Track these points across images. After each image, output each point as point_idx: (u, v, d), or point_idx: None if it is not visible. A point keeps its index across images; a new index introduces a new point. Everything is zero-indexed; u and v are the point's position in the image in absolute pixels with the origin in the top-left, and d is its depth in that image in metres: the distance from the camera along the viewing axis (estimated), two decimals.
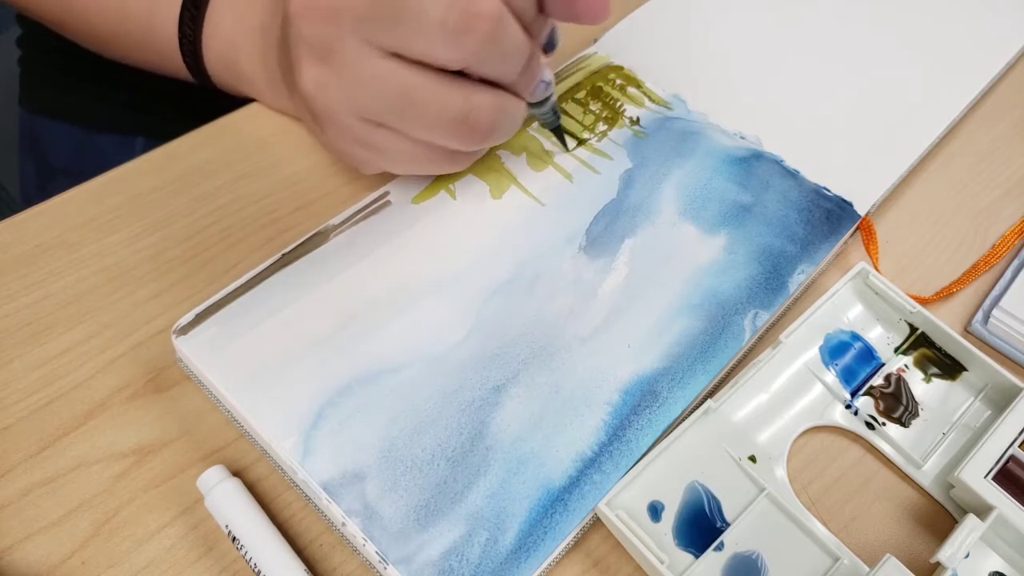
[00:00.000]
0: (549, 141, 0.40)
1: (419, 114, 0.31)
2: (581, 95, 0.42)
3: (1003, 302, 0.36)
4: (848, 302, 0.36)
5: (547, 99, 0.36)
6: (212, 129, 0.41)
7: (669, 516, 0.30)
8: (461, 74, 0.31)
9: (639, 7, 0.47)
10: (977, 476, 0.30)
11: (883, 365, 0.34)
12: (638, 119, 0.41)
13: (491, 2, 0.28)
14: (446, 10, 0.28)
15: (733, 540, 0.29)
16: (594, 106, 0.41)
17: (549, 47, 0.35)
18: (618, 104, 0.42)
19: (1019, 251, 0.39)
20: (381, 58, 0.30)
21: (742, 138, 0.41)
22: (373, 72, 0.30)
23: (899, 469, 0.32)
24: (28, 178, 0.60)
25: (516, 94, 0.33)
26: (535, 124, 0.40)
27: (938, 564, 0.28)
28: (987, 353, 0.34)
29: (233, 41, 0.40)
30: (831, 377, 0.34)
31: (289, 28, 0.31)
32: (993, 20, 0.48)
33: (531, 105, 0.36)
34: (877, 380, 0.34)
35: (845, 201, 0.38)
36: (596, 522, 0.30)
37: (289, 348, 0.32)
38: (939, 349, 0.35)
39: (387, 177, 0.38)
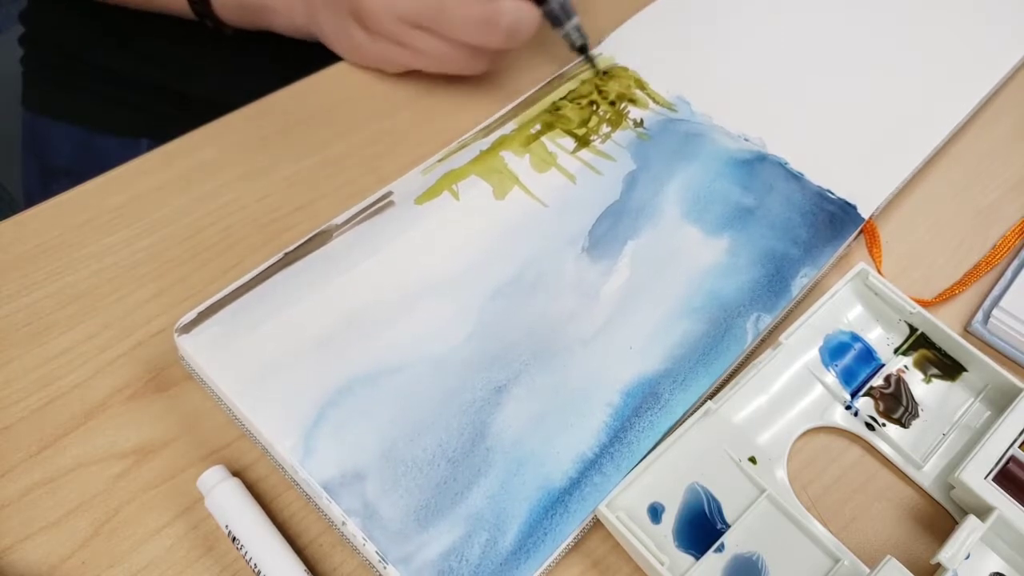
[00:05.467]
0: (553, 142, 0.40)
1: (450, 16, 0.38)
2: (584, 96, 0.42)
3: (1003, 302, 0.36)
4: (848, 303, 0.36)
5: (559, 5, 0.41)
6: (212, 129, 0.41)
7: (669, 518, 0.30)
8: None
9: (643, 9, 0.47)
10: (977, 477, 0.30)
11: (883, 366, 0.34)
12: (642, 121, 0.41)
13: None
14: None
15: (733, 541, 0.29)
16: (598, 107, 0.41)
17: None
18: (622, 106, 0.42)
19: (1019, 251, 0.39)
20: None
21: (746, 140, 0.41)
22: None
23: (899, 470, 0.32)
24: (31, 178, 0.60)
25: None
26: (537, 127, 0.40)
27: (938, 565, 0.28)
28: (987, 353, 0.34)
29: None
30: (831, 378, 0.34)
31: None
32: (995, 27, 0.48)
33: (554, 24, 0.42)
34: (877, 381, 0.34)
35: (849, 204, 0.38)
36: (596, 523, 0.30)
37: (291, 347, 0.32)
38: (939, 350, 0.34)
39: (389, 177, 0.38)
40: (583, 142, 0.40)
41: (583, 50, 0.43)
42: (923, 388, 0.34)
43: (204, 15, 0.46)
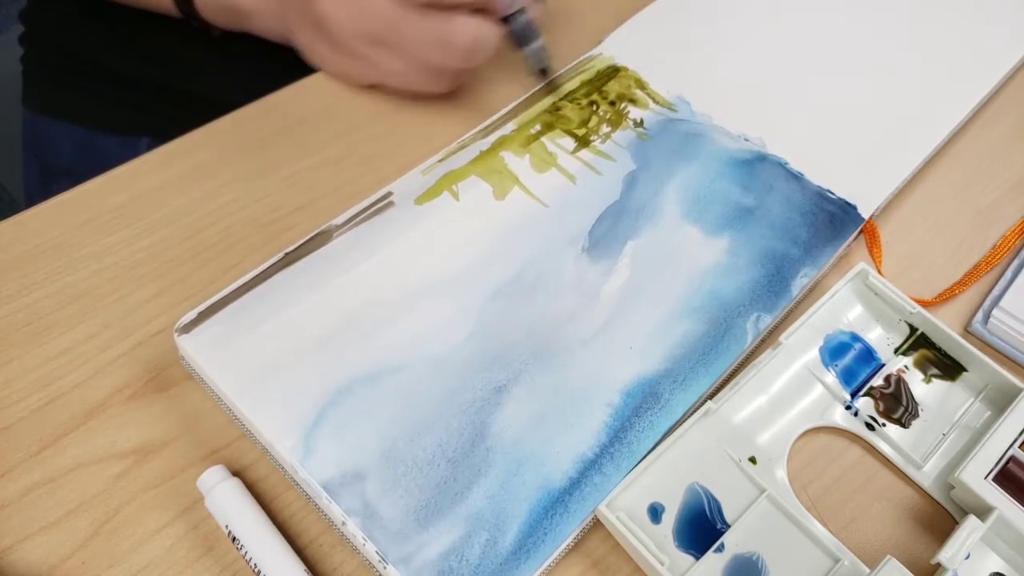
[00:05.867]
0: (553, 143, 0.40)
1: (407, 35, 0.38)
2: (584, 96, 0.42)
3: (1003, 302, 0.36)
4: (848, 303, 0.36)
5: (523, 25, 0.40)
6: (212, 129, 0.41)
7: (669, 518, 0.30)
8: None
9: (643, 9, 0.47)
10: (977, 477, 0.30)
11: (883, 366, 0.34)
12: (642, 121, 0.41)
13: None
14: None
15: (733, 541, 0.29)
16: (598, 108, 0.41)
17: None
18: (622, 106, 0.42)
19: (1019, 251, 0.39)
20: None
21: (746, 140, 0.41)
22: (369, 1, 0.37)
23: (899, 470, 0.32)
24: (31, 178, 0.60)
25: (490, 19, 0.39)
26: (537, 127, 0.40)
27: (938, 565, 0.28)
28: (987, 353, 0.34)
29: None
30: (831, 378, 0.34)
31: None
32: (995, 27, 0.48)
33: (518, 43, 0.41)
34: (877, 381, 0.34)
35: (849, 204, 0.38)
36: (596, 523, 0.30)
37: (291, 347, 0.32)
38: (939, 350, 0.34)
39: (389, 177, 0.38)
40: (583, 142, 0.40)
41: (544, 73, 0.41)
42: (923, 388, 0.34)
43: (189, 15, 0.45)
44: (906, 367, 0.34)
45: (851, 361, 0.34)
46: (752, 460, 0.31)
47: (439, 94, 0.42)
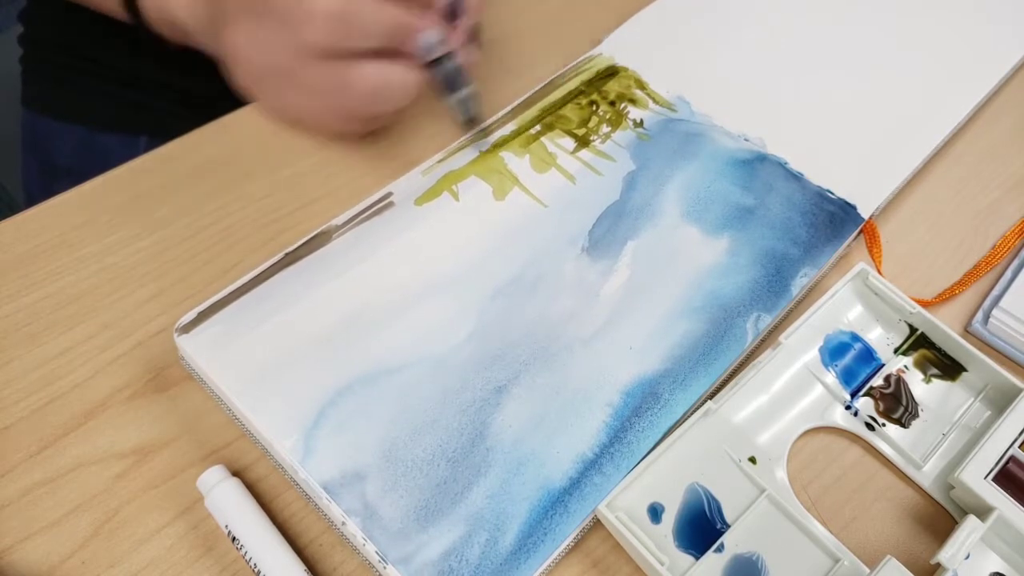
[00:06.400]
0: (552, 143, 0.40)
1: (305, 82, 0.36)
2: (584, 96, 0.42)
3: (1003, 302, 0.36)
4: (848, 303, 0.36)
5: (449, 73, 0.38)
6: (212, 129, 0.41)
7: (669, 518, 0.30)
8: None
9: (643, 9, 0.47)
10: (977, 477, 0.30)
11: (883, 366, 0.34)
12: (641, 121, 0.41)
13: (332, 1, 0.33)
14: (288, 8, 0.34)
15: (733, 541, 0.29)
16: (597, 108, 0.41)
17: (451, 15, 0.38)
18: (621, 106, 0.42)
19: (1019, 251, 0.39)
20: (272, 31, 0.35)
21: (746, 140, 0.41)
22: (265, 41, 0.36)
23: (899, 470, 0.32)
24: (31, 178, 0.60)
25: (406, 63, 0.36)
26: (537, 127, 0.40)
27: (938, 565, 0.28)
28: (987, 353, 0.34)
29: None
30: (831, 378, 0.34)
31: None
32: (995, 27, 0.48)
33: (443, 91, 0.38)
34: (877, 381, 0.34)
35: (849, 204, 0.38)
36: (596, 523, 0.30)
37: (291, 347, 0.32)
38: (939, 350, 0.35)
39: (388, 178, 0.38)
40: (583, 142, 0.40)
41: (470, 124, 0.39)
42: (923, 388, 0.34)
43: (138, 25, 0.44)
44: (906, 367, 0.34)
45: (851, 361, 0.34)
46: (752, 460, 0.31)
47: (360, 137, 0.40)
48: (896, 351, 0.35)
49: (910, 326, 0.35)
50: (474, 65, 0.39)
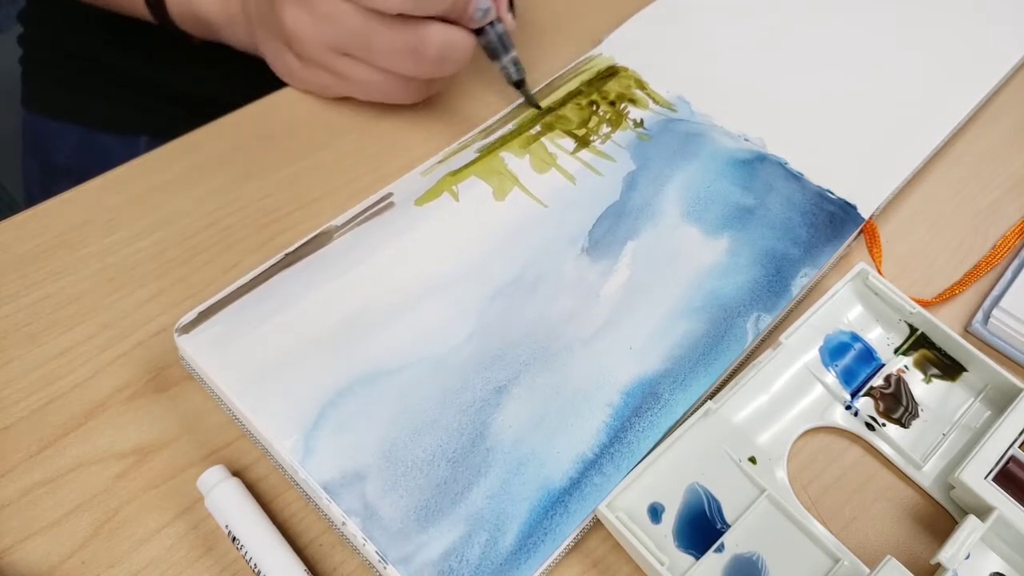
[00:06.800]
0: (552, 143, 0.40)
1: (375, 47, 0.37)
2: (584, 97, 0.42)
3: (1003, 302, 0.36)
4: (848, 303, 0.36)
5: (496, 36, 0.39)
6: (212, 129, 0.41)
7: (669, 518, 0.30)
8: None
9: (643, 8, 0.47)
10: (977, 477, 0.30)
11: (883, 366, 0.34)
12: (642, 121, 0.41)
13: None
14: None
15: (733, 541, 0.29)
16: (598, 108, 0.41)
17: None
18: (622, 106, 0.42)
19: (1019, 251, 0.39)
20: (337, 4, 0.36)
21: (746, 140, 0.41)
22: (335, 12, 0.36)
23: (899, 470, 0.32)
24: (32, 178, 0.60)
25: (461, 26, 0.38)
26: (537, 127, 0.40)
27: (938, 565, 0.28)
28: (987, 353, 0.34)
29: None
30: (831, 378, 0.34)
31: None
32: (995, 27, 0.48)
33: (491, 57, 0.40)
34: (877, 381, 0.34)
35: (849, 204, 0.38)
36: (596, 523, 0.30)
37: (291, 348, 0.32)
38: (939, 350, 0.35)
39: (388, 178, 0.38)
40: (583, 142, 0.40)
41: (520, 85, 0.41)
42: (923, 388, 0.34)
43: (165, 24, 0.45)
44: (906, 367, 0.34)
45: (851, 361, 0.34)
46: (752, 460, 0.31)
47: (411, 104, 0.41)
48: (896, 351, 0.35)
49: (910, 326, 0.35)
50: (512, 31, 0.40)
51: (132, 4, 0.46)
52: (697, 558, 0.29)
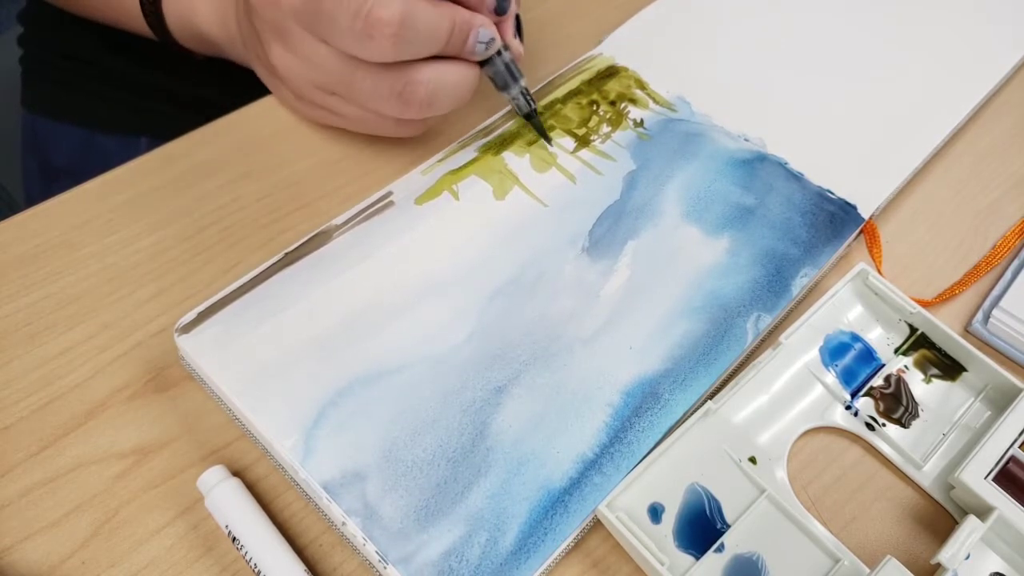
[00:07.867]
0: (553, 143, 0.40)
1: (357, 92, 0.35)
2: (584, 96, 0.42)
3: (1003, 302, 0.36)
4: (848, 303, 0.36)
5: (504, 65, 0.37)
6: (212, 129, 0.41)
7: (669, 518, 0.30)
8: None
9: (643, 9, 0.47)
10: (977, 477, 0.30)
11: (883, 366, 0.34)
12: (642, 121, 0.41)
13: (392, 7, 0.32)
14: (352, 18, 0.32)
15: (733, 541, 0.29)
16: (598, 107, 0.41)
17: (500, 9, 0.36)
18: (622, 105, 0.42)
19: (1019, 251, 0.39)
20: (320, 43, 0.34)
21: (746, 140, 0.41)
22: (315, 54, 0.35)
23: (899, 470, 0.32)
24: (31, 179, 0.60)
25: (459, 60, 0.36)
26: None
27: (938, 565, 0.28)
28: (987, 353, 0.34)
29: (191, 4, 0.43)
30: (831, 378, 0.34)
31: (253, 14, 0.37)
32: (995, 27, 0.48)
33: (498, 88, 0.38)
34: (877, 381, 0.34)
35: (849, 204, 0.38)
36: (596, 523, 0.30)
37: (291, 347, 0.32)
38: (939, 350, 0.35)
39: (388, 177, 0.38)
40: (583, 142, 0.40)
41: (530, 117, 0.39)
42: (923, 388, 0.34)
43: (169, 44, 0.45)
44: (906, 367, 0.34)
45: (851, 361, 0.34)
46: (752, 460, 0.31)
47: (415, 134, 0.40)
48: (896, 351, 0.35)
49: (910, 326, 0.35)
50: (520, 57, 0.39)
51: (132, 21, 0.46)
52: (697, 558, 0.29)
